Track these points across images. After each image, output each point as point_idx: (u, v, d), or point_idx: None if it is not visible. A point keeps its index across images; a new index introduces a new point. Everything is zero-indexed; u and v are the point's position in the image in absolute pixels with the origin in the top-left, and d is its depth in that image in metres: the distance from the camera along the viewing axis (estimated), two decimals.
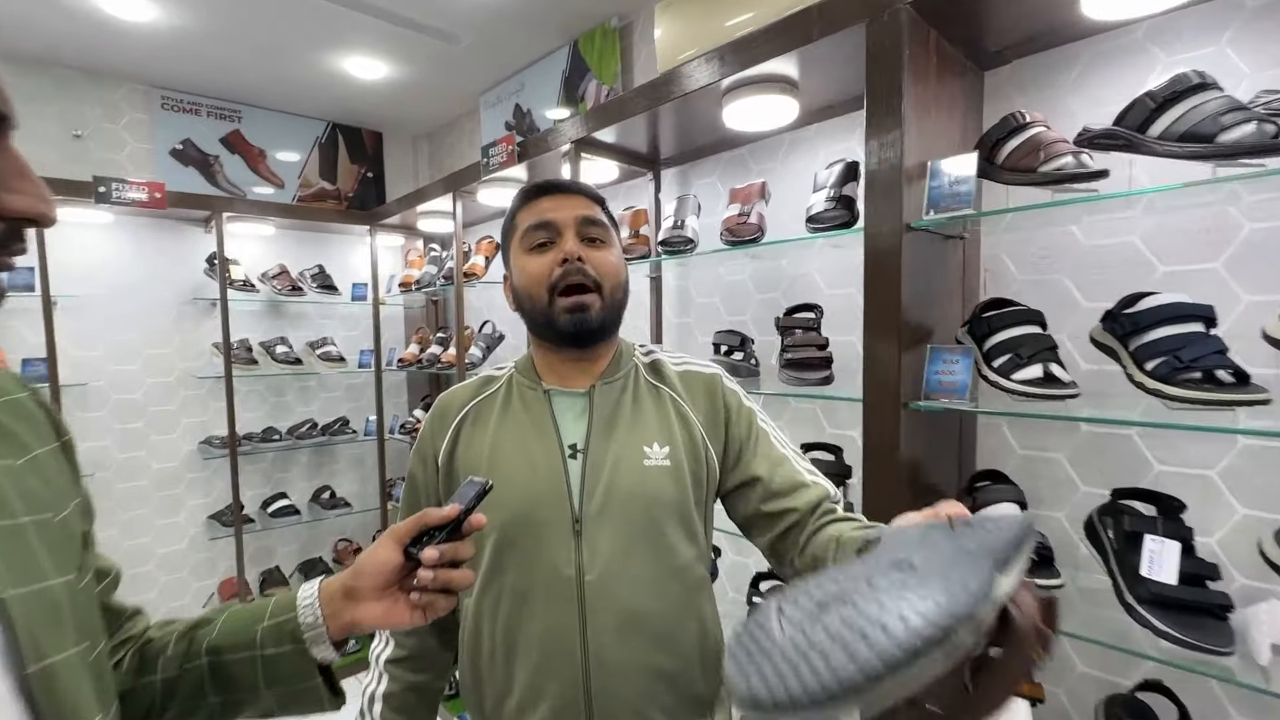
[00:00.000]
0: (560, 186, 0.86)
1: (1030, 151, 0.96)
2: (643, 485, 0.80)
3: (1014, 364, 1.00)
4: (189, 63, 2.49)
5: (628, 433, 0.83)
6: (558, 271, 0.81)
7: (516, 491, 0.80)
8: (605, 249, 0.84)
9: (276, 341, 2.89)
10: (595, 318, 0.81)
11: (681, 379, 0.90)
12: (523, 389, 0.88)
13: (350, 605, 0.60)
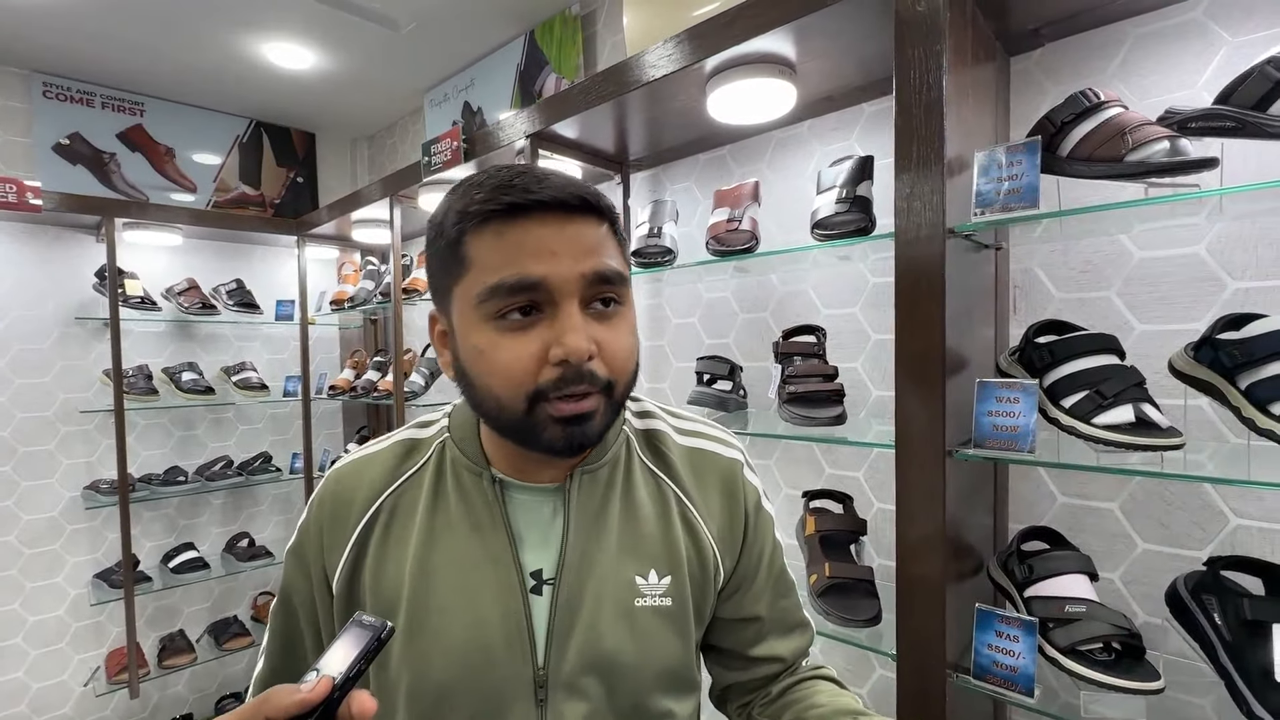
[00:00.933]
0: (553, 202, 0.50)
1: (1111, 137, 0.77)
2: (632, 638, 0.57)
3: (1094, 404, 0.79)
4: (79, 44, 2.13)
5: (616, 553, 0.58)
6: (551, 375, 0.50)
7: (455, 644, 0.55)
8: (620, 321, 0.54)
9: (183, 368, 2.50)
10: (597, 427, 0.53)
11: (689, 463, 0.65)
12: (461, 472, 0.60)
13: None
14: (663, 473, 0.63)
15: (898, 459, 0.92)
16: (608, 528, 0.59)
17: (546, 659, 0.56)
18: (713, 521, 0.63)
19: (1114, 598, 1.05)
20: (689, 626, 0.61)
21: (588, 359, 0.50)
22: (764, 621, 0.66)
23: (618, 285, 0.53)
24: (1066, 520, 1.12)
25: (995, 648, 0.86)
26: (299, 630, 0.62)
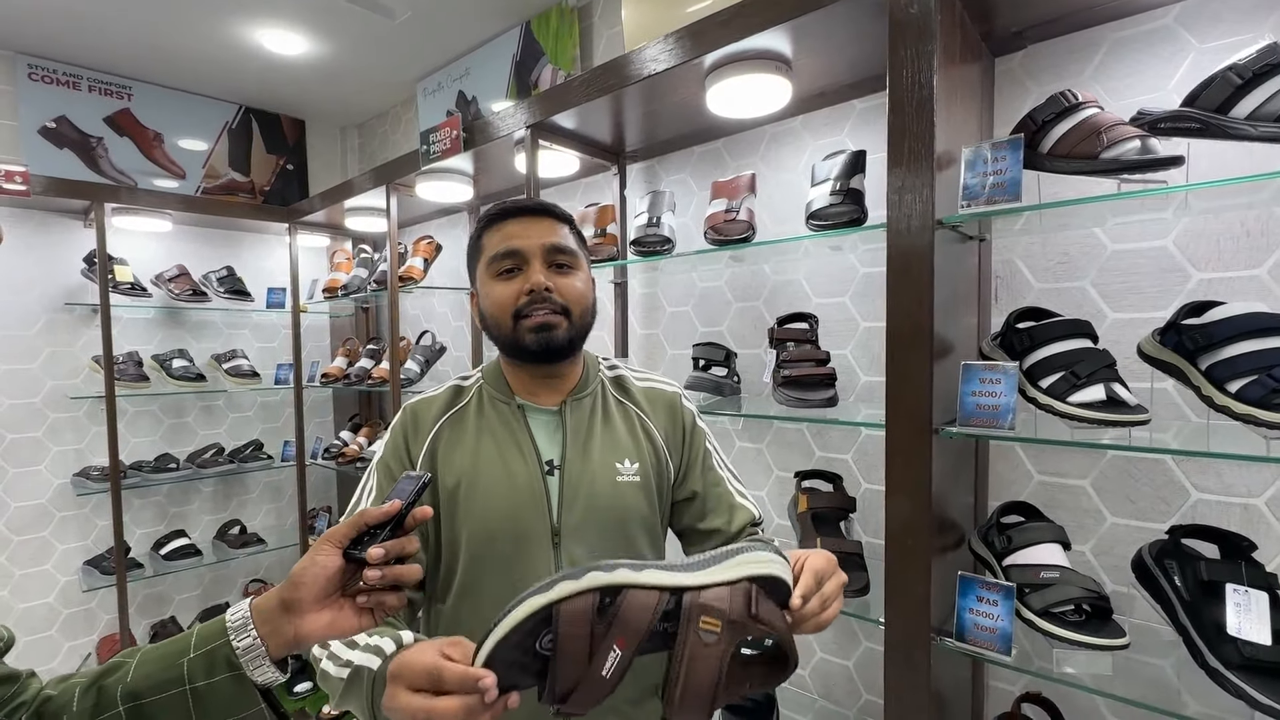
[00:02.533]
0: (526, 209, 0.87)
1: (1088, 135, 0.82)
2: (617, 500, 0.86)
3: (1069, 384, 0.85)
4: (64, 26, 2.10)
5: (601, 450, 0.87)
6: (524, 300, 0.83)
7: (498, 505, 0.83)
8: (573, 274, 0.87)
9: (173, 355, 2.49)
10: (562, 336, 0.84)
11: (645, 395, 0.95)
12: (495, 402, 0.90)
13: (290, 619, 0.55)
14: (628, 401, 0.94)
15: (888, 437, 0.97)
16: (594, 435, 0.88)
17: (560, 516, 0.83)
18: (661, 430, 0.93)
19: (1085, 568, 1.12)
20: (653, 495, 0.89)
21: (544, 289, 0.82)
22: (702, 499, 0.92)
23: (569, 255, 0.86)
24: (1042, 497, 1.19)
25: (976, 611, 0.92)
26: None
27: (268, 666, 0.54)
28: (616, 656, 0.51)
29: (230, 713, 0.54)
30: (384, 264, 2.30)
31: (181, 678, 0.54)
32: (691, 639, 0.53)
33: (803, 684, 1.54)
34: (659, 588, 0.53)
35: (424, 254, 2.27)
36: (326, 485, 2.99)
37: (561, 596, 0.51)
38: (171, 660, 0.55)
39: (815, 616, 0.61)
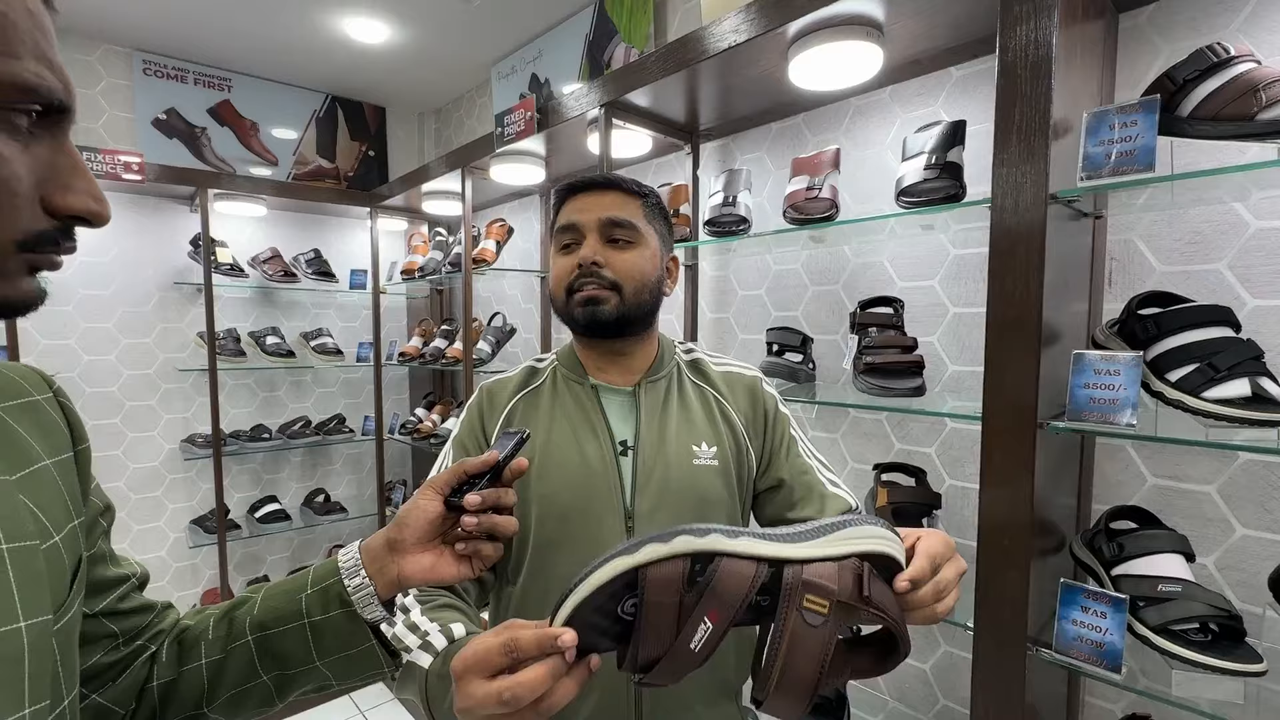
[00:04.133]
0: (592, 183, 0.86)
1: (1242, 94, 0.72)
2: (693, 483, 0.83)
3: (1205, 377, 0.75)
4: (173, 23, 2.25)
5: (677, 432, 0.85)
6: (575, 274, 0.82)
7: (571, 484, 0.82)
8: (630, 249, 0.84)
9: (267, 332, 2.65)
10: (608, 311, 0.82)
11: (724, 379, 0.92)
12: (569, 382, 0.89)
13: (395, 559, 0.58)
14: (705, 384, 0.91)
15: (985, 430, 0.90)
16: (670, 417, 0.86)
17: (633, 498, 0.81)
18: (741, 415, 0.89)
19: (1207, 583, 1.01)
20: (732, 481, 0.86)
21: (591, 263, 0.81)
22: (790, 487, 0.88)
23: (627, 229, 0.83)
24: (1156, 502, 1.07)
25: (1080, 623, 0.85)
26: None
27: (376, 605, 0.57)
28: (707, 630, 0.47)
29: (344, 646, 0.57)
30: (458, 246, 2.35)
31: (300, 612, 0.57)
32: (794, 619, 0.47)
33: (874, 684, 1.48)
34: (757, 558, 0.48)
35: (496, 236, 2.30)
36: (402, 459, 3.13)
37: (649, 560, 0.47)
38: (291, 596, 0.58)
39: (928, 606, 0.53)
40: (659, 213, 0.88)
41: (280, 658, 0.57)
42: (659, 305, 0.88)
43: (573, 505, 0.81)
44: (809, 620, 0.47)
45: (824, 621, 0.47)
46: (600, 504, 0.81)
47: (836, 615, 0.47)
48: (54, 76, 0.38)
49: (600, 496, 0.81)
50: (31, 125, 0.37)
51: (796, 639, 0.46)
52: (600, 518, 0.81)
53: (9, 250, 0.37)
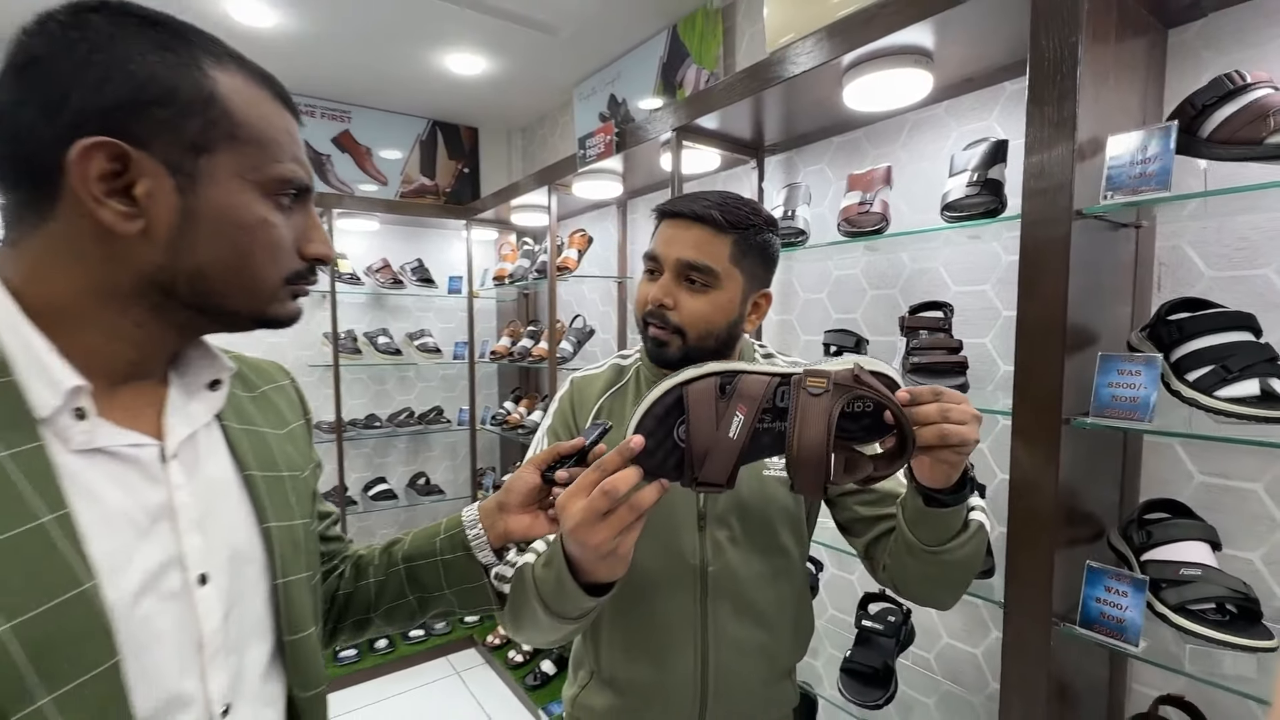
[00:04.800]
0: (682, 213, 0.84)
1: (1254, 119, 0.79)
2: (762, 493, 0.87)
3: (1219, 377, 0.82)
4: (305, 66, 2.62)
5: None
6: (648, 308, 0.86)
7: None
8: (704, 294, 0.83)
9: (379, 333, 3.01)
10: (673, 354, 0.84)
11: None
12: (650, 384, 0.90)
13: (502, 517, 0.72)
14: None
15: (1014, 424, 1.00)
16: None
17: (705, 501, 0.87)
18: None
19: (1253, 577, 1.05)
20: None
21: (658, 306, 0.84)
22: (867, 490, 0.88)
23: (704, 274, 0.82)
24: (1204, 499, 1.12)
25: (1103, 600, 0.93)
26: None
27: (488, 551, 0.73)
28: (739, 420, 0.59)
29: (464, 580, 0.74)
30: (543, 255, 2.59)
31: (435, 551, 0.74)
32: (801, 397, 0.58)
33: (928, 666, 1.57)
34: (769, 373, 0.61)
35: (578, 246, 2.52)
36: (492, 448, 3.43)
37: (688, 378, 0.61)
38: (430, 539, 0.75)
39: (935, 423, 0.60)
40: (754, 248, 0.84)
41: (421, 584, 0.75)
42: (735, 342, 0.89)
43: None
44: (811, 393, 0.58)
45: (824, 392, 0.58)
46: (675, 504, 0.86)
47: (835, 391, 0.58)
48: (302, 170, 0.55)
49: (675, 497, 0.85)
50: (291, 202, 0.55)
51: (804, 410, 0.58)
52: (675, 516, 0.86)
53: (279, 284, 0.56)
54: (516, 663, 2.77)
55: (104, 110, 0.44)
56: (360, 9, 2.15)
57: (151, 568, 0.47)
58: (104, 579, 0.43)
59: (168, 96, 0.46)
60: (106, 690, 0.42)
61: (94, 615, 0.42)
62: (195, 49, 0.49)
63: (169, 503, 0.49)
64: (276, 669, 0.58)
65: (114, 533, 0.45)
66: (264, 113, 0.52)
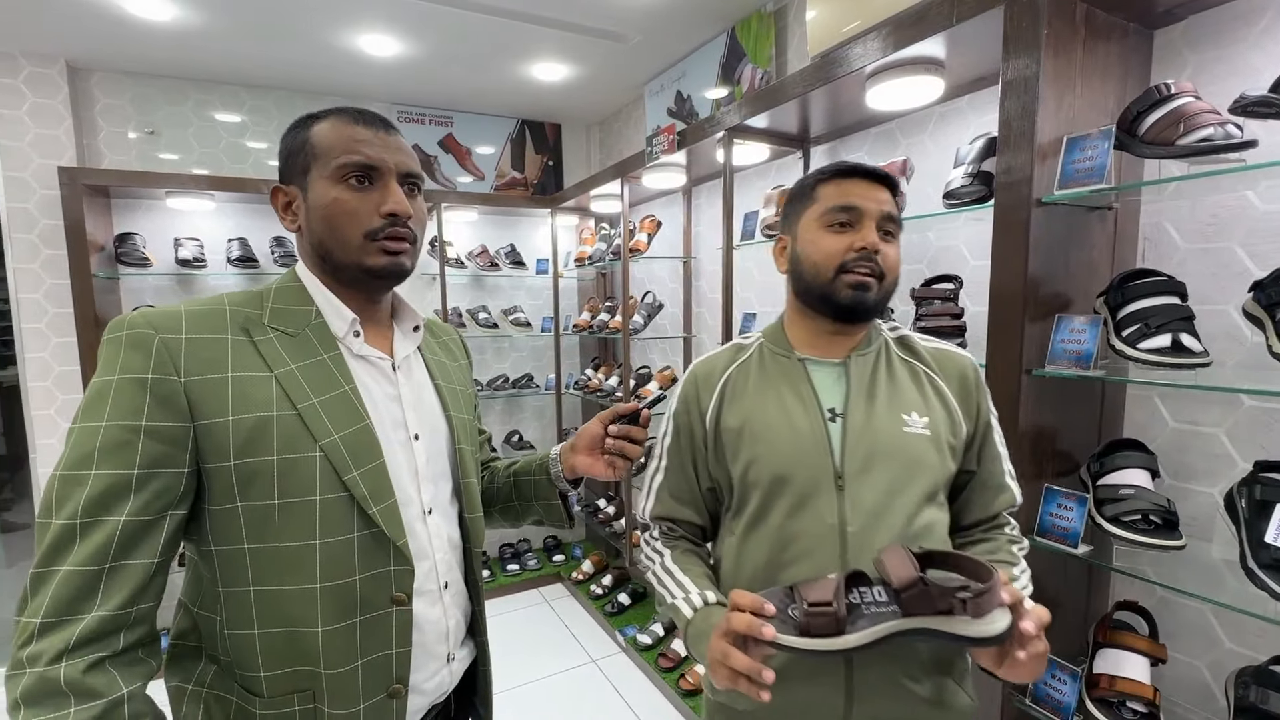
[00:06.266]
0: (870, 173, 0.89)
1: (1171, 124, 0.98)
2: (903, 449, 0.86)
3: (1141, 333, 1.03)
4: (416, 82, 3.06)
5: (887, 401, 0.89)
6: (851, 256, 0.86)
7: (781, 448, 0.88)
8: (894, 244, 0.90)
9: (479, 309, 3.48)
10: (873, 298, 0.87)
11: (935, 357, 0.94)
12: (776, 358, 0.96)
13: (573, 454, 0.97)
14: (915, 360, 0.94)
15: (987, 375, 1.23)
16: (878, 387, 0.90)
17: (843, 461, 0.86)
18: (954, 392, 0.92)
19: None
20: (943, 448, 0.88)
21: (874, 250, 0.86)
22: (976, 474, 0.93)
23: (895, 225, 0.90)
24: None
25: (1055, 514, 1.16)
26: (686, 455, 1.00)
27: (563, 480, 0.99)
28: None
29: (546, 499, 1.00)
30: (618, 239, 2.92)
31: (531, 472, 1.02)
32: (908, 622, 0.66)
33: None
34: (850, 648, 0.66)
35: (648, 230, 2.84)
36: (575, 410, 3.86)
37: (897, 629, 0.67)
38: (530, 464, 1.04)
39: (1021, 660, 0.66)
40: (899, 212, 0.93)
41: (521, 494, 1.03)
42: None
43: (784, 467, 0.87)
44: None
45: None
46: (811, 466, 0.86)
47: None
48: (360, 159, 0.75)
49: (810, 459, 0.86)
50: (361, 183, 0.76)
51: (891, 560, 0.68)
52: (812, 478, 0.86)
53: (360, 239, 0.76)
54: (597, 594, 3.21)
55: (280, 170, 0.82)
56: (465, 34, 2.54)
57: (391, 423, 0.82)
58: (373, 421, 0.79)
59: (290, 153, 0.80)
60: (379, 474, 0.76)
61: (371, 436, 0.77)
62: (310, 120, 0.79)
63: (398, 392, 0.85)
64: (455, 499, 0.91)
65: (374, 401, 0.80)
66: (334, 132, 0.77)
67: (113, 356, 0.69)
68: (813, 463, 0.86)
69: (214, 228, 2.97)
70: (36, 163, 2.59)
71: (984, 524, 0.94)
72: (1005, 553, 0.90)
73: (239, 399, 0.71)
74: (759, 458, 0.89)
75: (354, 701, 0.76)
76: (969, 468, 0.93)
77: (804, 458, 0.87)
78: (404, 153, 0.80)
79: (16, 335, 2.62)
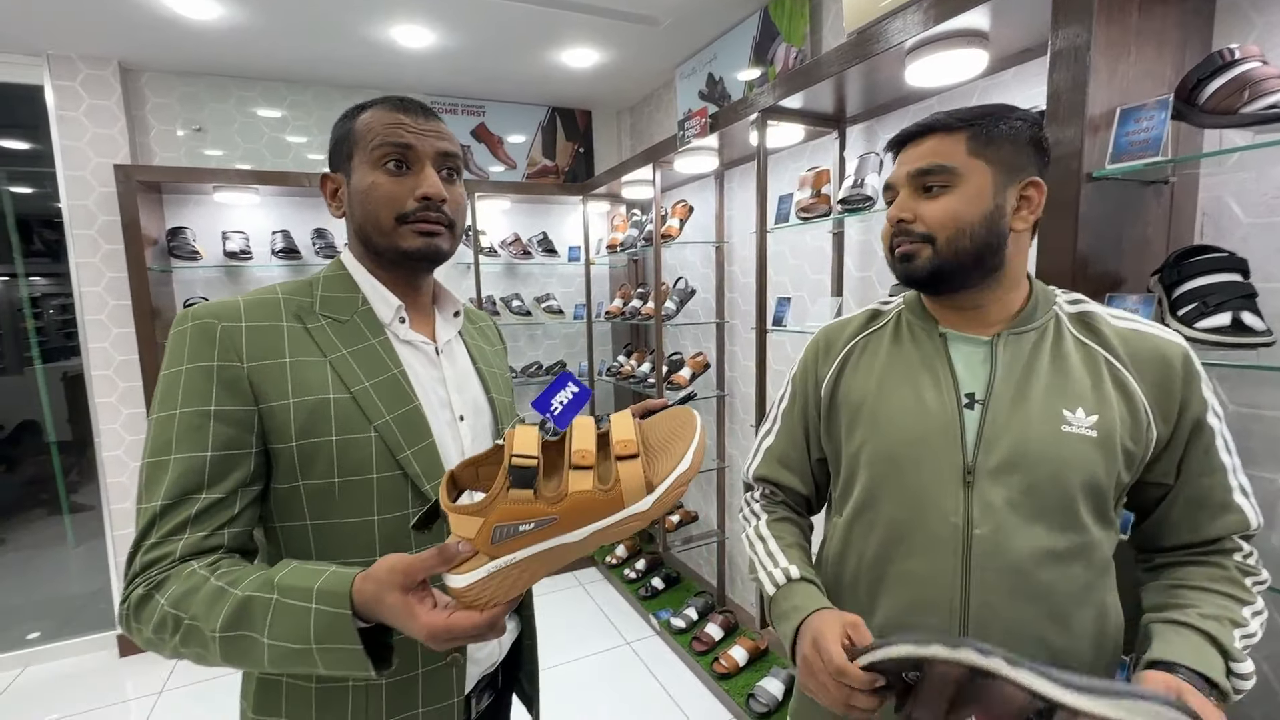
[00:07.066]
0: (910, 136, 0.82)
1: (1235, 91, 0.93)
2: (1057, 451, 0.74)
3: (1199, 312, 0.99)
4: (449, 72, 3.09)
5: (1045, 392, 0.76)
6: (891, 233, 0.83)
7: (902, 428, 0.80)
8: (944, 195, 0.77)
9: (512, 297, 3.53)
10: (921, 266, 0.79)
11: (1124, 340, 0.78)
12: (914, 328, 0.87)
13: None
14: (1094, 343, 0.79)
15: None
16: (1036, 373, 0.77)
17: (976, 454, 0.76)
18: (1145, 385, 0.75)
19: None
20: (1114, 454, 0.73)
21: (897, 223, 0.81)
22: (1179, 489, 0.77)
23: (939, 175, 0.77)
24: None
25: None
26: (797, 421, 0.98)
27: None
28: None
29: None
30: (650, 225, 2.92)
31: None
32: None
33: None
34: (1032, 692, 0.50)
35: (680, 215, 2.83)
36: (608, 396, 3.89)
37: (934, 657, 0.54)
38: None
39: None
40: (1001, 135, 0.77)
41: None
42: (1001, 245, 0.78)
43: (904, 451, 0.79)
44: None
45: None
46: (935, 454, 0.77)
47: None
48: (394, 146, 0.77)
49: (936, 446, 0.77)
50: (396, 168, 0.78)
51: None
52: (936, 468, 0.77)
53: (394, 223, 0.78)
54: (631, 579, 3.25)
55: (328, 158, 0.86)
56: (497, 22, 2.55)
57: (438, 404, 0.85)
58: (421, 403, 0.82)
59: (337, 141, 0.83)
60: (430, 453, 0.80)
61: (420, 417, 0.81)
62: (357, 109, 0.82)
63: (442, 375, 0.88)
64: None
65: (421, 384, 0.83)
66: (374, 119, 0.79)
67: (180, 347, 0.73)
68: (938, 450, 0.77)
69: (258, 221, 3.07)
70: (94, 161, 2.71)
71: (1196, 549, 0.78)
72: (1229, 584, 0.73)
73: (297, 383, 0.74)
74: (875, 437, 0.82)
75: (412, 667, 0.79)
76: (1160, 480, 0.77)
77: (928, 441, 0.78)
78: (441, 136, 0.81)
79: (80, 327, 2.76)
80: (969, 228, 0.77)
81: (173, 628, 0.63)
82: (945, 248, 0.77)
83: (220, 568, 0.66)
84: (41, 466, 3.23)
